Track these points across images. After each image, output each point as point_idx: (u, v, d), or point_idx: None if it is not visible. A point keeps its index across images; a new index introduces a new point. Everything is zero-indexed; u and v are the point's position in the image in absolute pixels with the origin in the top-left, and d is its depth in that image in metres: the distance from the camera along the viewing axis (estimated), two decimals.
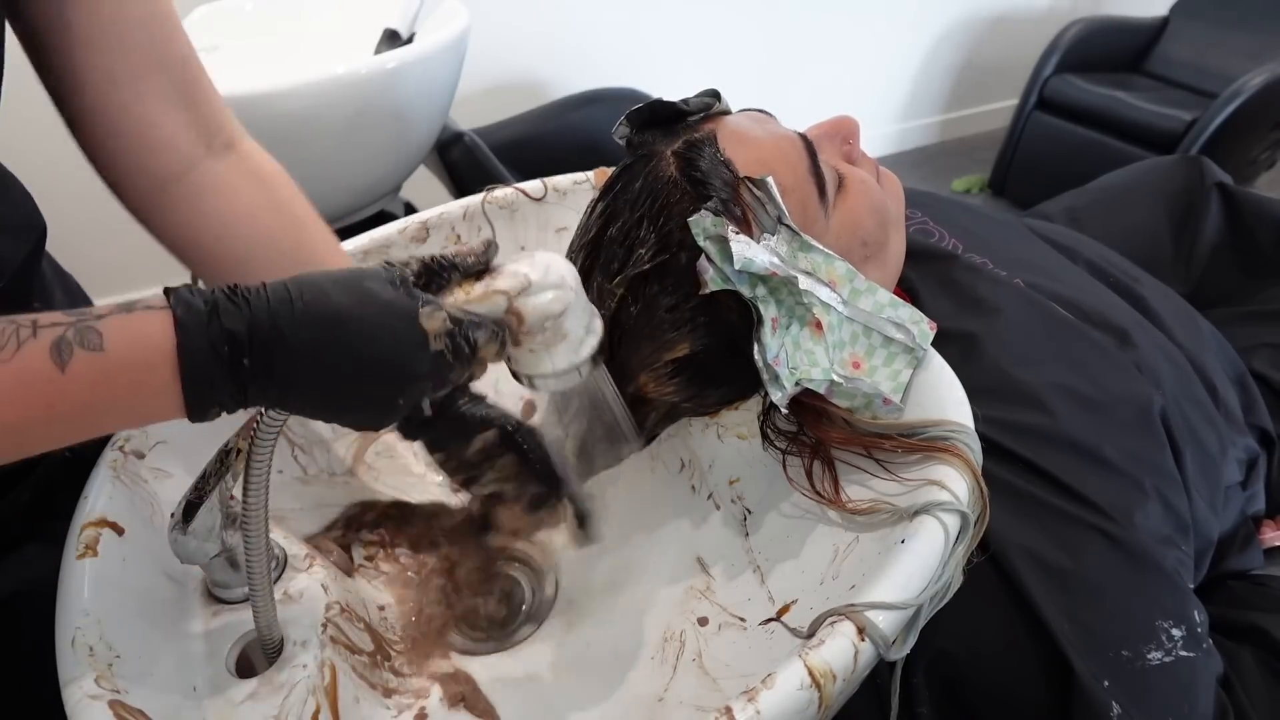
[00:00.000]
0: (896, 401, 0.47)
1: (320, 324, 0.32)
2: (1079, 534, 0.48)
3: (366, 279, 0.33)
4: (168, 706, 0.40)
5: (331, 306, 0.32)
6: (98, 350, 0.29)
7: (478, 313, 0.35)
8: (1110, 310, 0.63)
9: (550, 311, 0.36)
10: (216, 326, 0.30)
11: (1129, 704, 0.44)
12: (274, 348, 0.31)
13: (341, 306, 0.32)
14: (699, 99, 0.52)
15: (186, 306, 0.30)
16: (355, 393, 0.34)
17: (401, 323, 0.33)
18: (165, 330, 0.30)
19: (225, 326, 0.30)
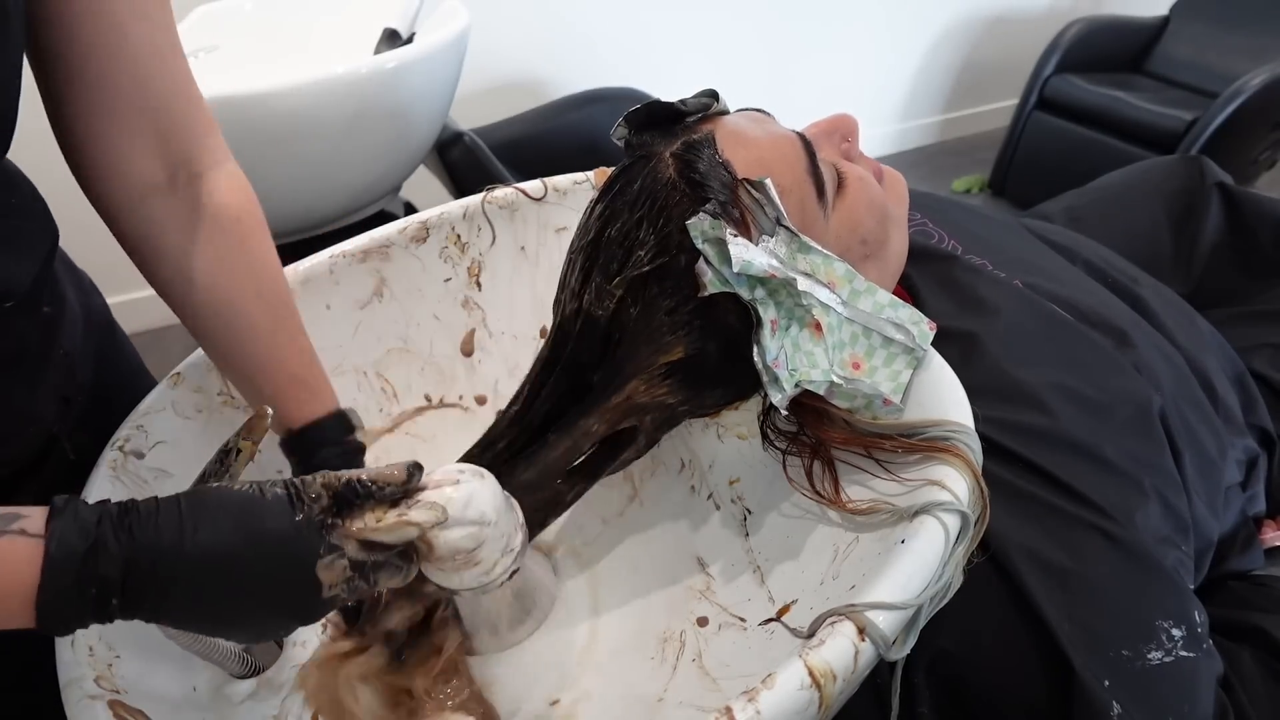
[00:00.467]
0: (896, 402, 0.47)
1: (205, 568, 0.31)
2: (1079, 534, 0.48)
3: (269, 517, 0.32)
4: (168, 706, 0.40)
5: (221, 551, 0.31)
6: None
7: (383, 542, 0.34)
8: (1109, 311, 0.63)
9: (462, 548, 0.36)
10: (90, 569, 0.29)
11: (1129, 704, 0.44)
12: (148, 589, 0.30)
13: (231, 551, 0.31)
14: (697, 99, 0.52)
15: (61, 543, 0.29)
16: (230, 627, 0.34)
17: (295, 574, 0.32)
18: (32, 564, 0.29)
19: (99, 571, 0.29)
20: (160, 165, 0.46)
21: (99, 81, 0.43)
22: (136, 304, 1.85)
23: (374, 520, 0.34)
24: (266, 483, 0.34)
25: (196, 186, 0.48)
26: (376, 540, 0.34)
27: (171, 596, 0.31)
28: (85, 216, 0.49)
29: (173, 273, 0.48)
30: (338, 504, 0.34)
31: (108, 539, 0.30)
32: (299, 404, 0.50)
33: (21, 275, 0.44)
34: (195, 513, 0.31)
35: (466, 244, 0.69)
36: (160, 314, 2.08)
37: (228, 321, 0.49)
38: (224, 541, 0.31)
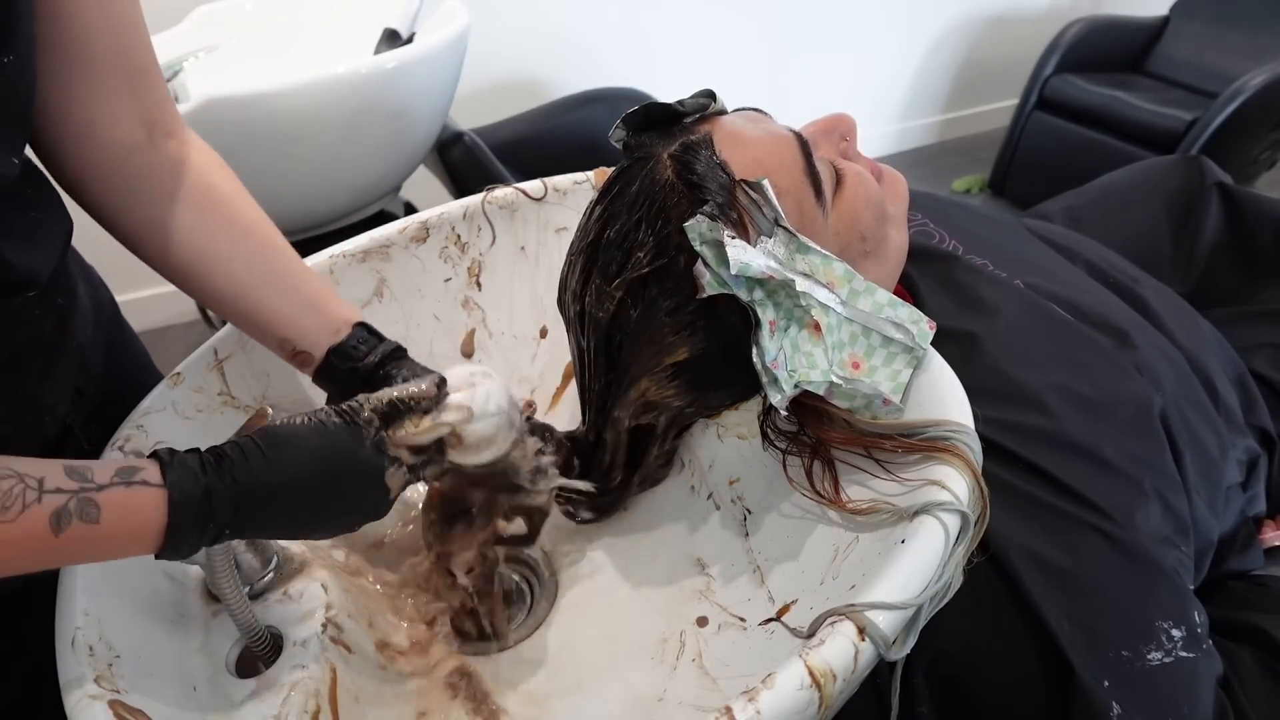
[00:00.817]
0: (896, 402, 0.47)
1: (297, 495, 0.38)
2: (1079, 534, 0.48)
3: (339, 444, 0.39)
4: (168, 706, 0.40)
5: (309, 478, 0.38)
6: (94, 523, 0.32)
7: (426, 442, 0.42)
8: (1109, 311, 0.63)
9: (485, 436, 0.44)
10: (206, 510, 0.35)
11: (1129, 704, 0.44)
12: (251, 518, 0.36)
13: (318, 477, 0.38)
14: (694, 100, 0.52)
15: (180, 490, 0.34)
16: (315, 531, 0.41)
17: (369, 483, 0.40)
18: (158, 510, 0.34)
19: (214, 510, 0.35)
20: (139, 125, 0.48)
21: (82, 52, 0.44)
22: (136, 303, 1.85)
23: (414, 427, 0.42)
24: (322, 412, 0.40)
25: (172, 143, 0.50)
26: (420, 444, 0.42)
27: (270, 519, 0.37)
28: (85, 216, 0.49)
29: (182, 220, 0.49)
30: (385, 421, 0.41)
31: (215, 485, 0.35)
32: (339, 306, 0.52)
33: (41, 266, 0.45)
34: (279, 451, 0.37)
35: (466, 244, 0.69)
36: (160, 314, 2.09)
37: (252, 247, 0.51)
38: (309, 472, 0.38)
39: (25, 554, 0.32)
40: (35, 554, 0.32)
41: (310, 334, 0.51)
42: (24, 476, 0.31)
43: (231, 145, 1.02)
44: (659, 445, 0.56)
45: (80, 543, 0.32)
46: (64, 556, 0.34)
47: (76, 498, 0.32)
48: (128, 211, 0.49)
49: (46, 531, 0.31)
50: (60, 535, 0.32)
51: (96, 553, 0.35)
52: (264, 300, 0.51)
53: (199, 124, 0.96)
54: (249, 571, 0.48)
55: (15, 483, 0.31)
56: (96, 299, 0.57)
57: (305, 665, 0.45)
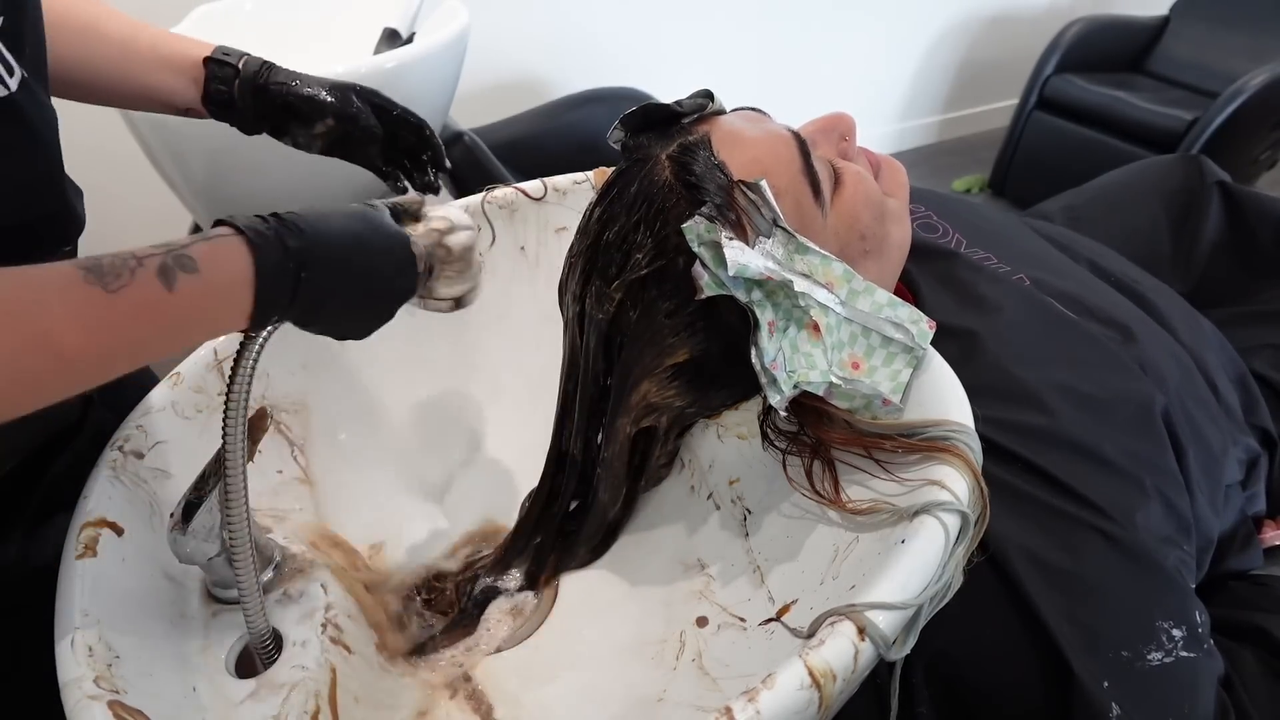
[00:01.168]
0: (896, 402, 0.47)
1: (349, 246, 0.39)
2: (1079, 534, 0.48)
3: (365, 213, 0.41)
4: (167, 707, 0.40)
5: (354, 232, 0.40)
6: (194, 273, 0.33)
7: (422, 243, 0.44)
8: (1114, 307, 0.63)
9: (466, 245, 0.47)
10: (282, 249, 0.36)
11: (1129, 705, 0.44)
12: (322, 264, 0.37)
13: (361, 232, 0.40)
14: (692, 100, 0.52)
15: (257, 233, 0.35)
16: (366, 302, 0.42)
17: (400, 247, 0.42)
18: (243, 254, 0.35)
19: (290, 247, 0.36)
20: None
21: None
22: None
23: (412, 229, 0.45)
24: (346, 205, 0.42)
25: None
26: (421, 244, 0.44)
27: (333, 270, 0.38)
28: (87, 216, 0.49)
29: None
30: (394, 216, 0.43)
31: (281, 229, 0.36)
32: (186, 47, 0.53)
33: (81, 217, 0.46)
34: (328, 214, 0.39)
35: None
36: None
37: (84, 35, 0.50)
38: (355, 229, 0.40)
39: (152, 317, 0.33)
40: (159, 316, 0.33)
41: (178, 93, 0.53)
42: (116, 254, 0.32)
43: (231, 145, 1.02)
44: (661, 445, 0.55)
45: (190, 296, 0.33)
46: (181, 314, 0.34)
47: (171, 254, 0.33)
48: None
49: (160, 289, 0.32)
50: (173, 290, 0.33)
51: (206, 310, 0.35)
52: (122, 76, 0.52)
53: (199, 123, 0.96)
54: None
55: (113, 258, 0.32)
56: None
57: (305, 665, 0.45)
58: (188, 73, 0.53)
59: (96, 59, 0.51)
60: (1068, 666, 0.44)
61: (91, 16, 0.52)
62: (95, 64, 0.52)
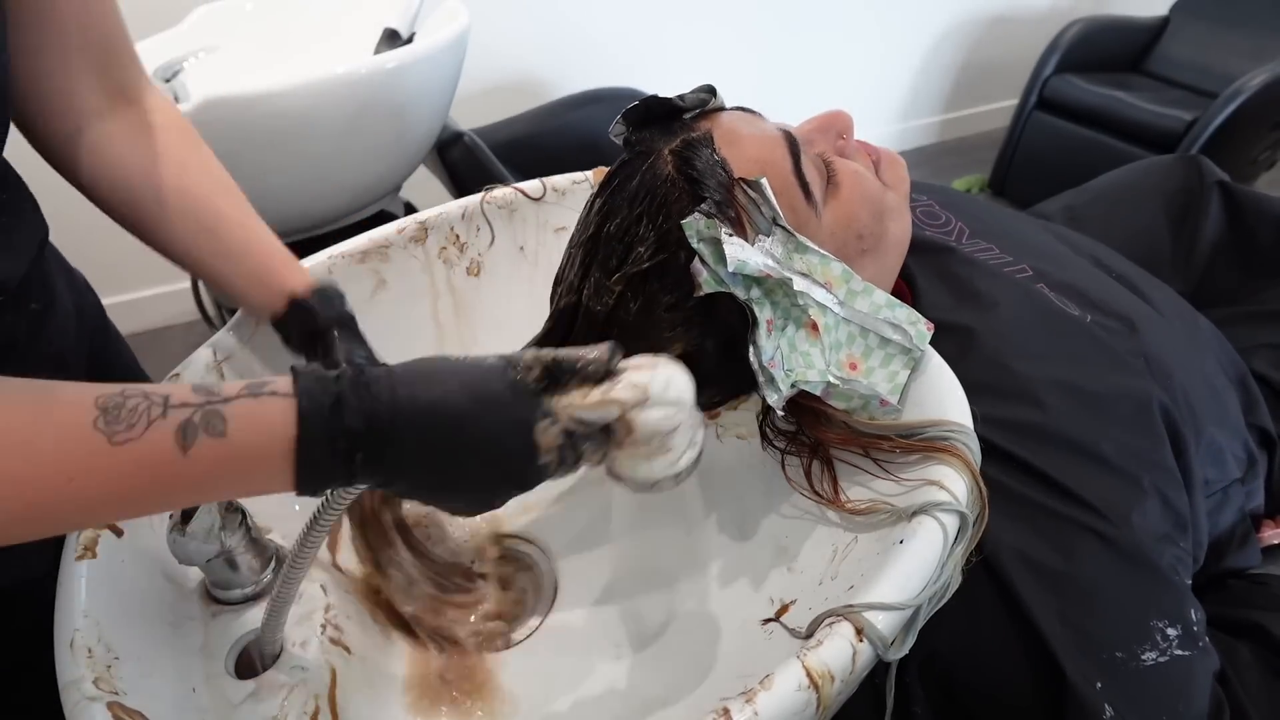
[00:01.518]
0: (894, 402, 0.47)
1: (436, 425, 0.33)
2: (1072, 535, 0.48)
3: (490, 380, 0.34)
4: (167, 707, 0.40)
5: (450, 408, 0.33)
6: (221, 436, 0.30)
7: (589, 419, 0.35)
8: (1117, 299, 0.63)
9: (660, 429, 0.36)
10: (338, 423, 0.31)
11: (1123, 705, 0.44)
12: (388, 444, 0.32)
13: (460, 409, 0.33)
14: (695, 95, 0.52)
15: (310, 398, 0.31)
16: (456, 489, 0.35)
17: (517, 435, 0.34)
18: (287, 421, 0.31)
19: (346, 424, 0.31)
20: (101, 94, 0.49)
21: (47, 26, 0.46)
22: (136, 304, 1.85)
23: (580, 397, 0.35)
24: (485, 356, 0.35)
25: (138, 105, 0.51)
26: (584, 417, 0.35)
27: (407, 450, 0.32)
28: (83, 216, 0.49)
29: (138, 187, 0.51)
30: (549, 377, 0.35)
31: (347, 395, 0.31)
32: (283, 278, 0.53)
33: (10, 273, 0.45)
34: (424, 374, 0.33)
35: (465, 244, 0.69)
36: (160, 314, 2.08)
37: (200, 220, 0.52)
38: (452, 399, 0.33)
39: (154, 479, 0.29)
40: (164, 479, 0.30)
41: (257, 307, 0.54)
42: (150, 394, 0.29)
43: (231, 145, 1.02)
44: None
45: (210, 463, 0.30)
46: (194, 483, 0.30)
47: (202, 410, 0.30)
48: (90, 179, 0.50)
49: (174, 448, 0.29)
50: (188, 452, 0.29)
51: (228, 478, 0.31)
52: (212, 272, 0.53)
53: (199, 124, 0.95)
54: (248, 573, 0.48)
55: (141, 400, 0.29)
56: (81, 304, 0.57)
57: (305, 665, 0.45)
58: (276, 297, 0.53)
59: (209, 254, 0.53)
60: (1060, 668, 0.44)
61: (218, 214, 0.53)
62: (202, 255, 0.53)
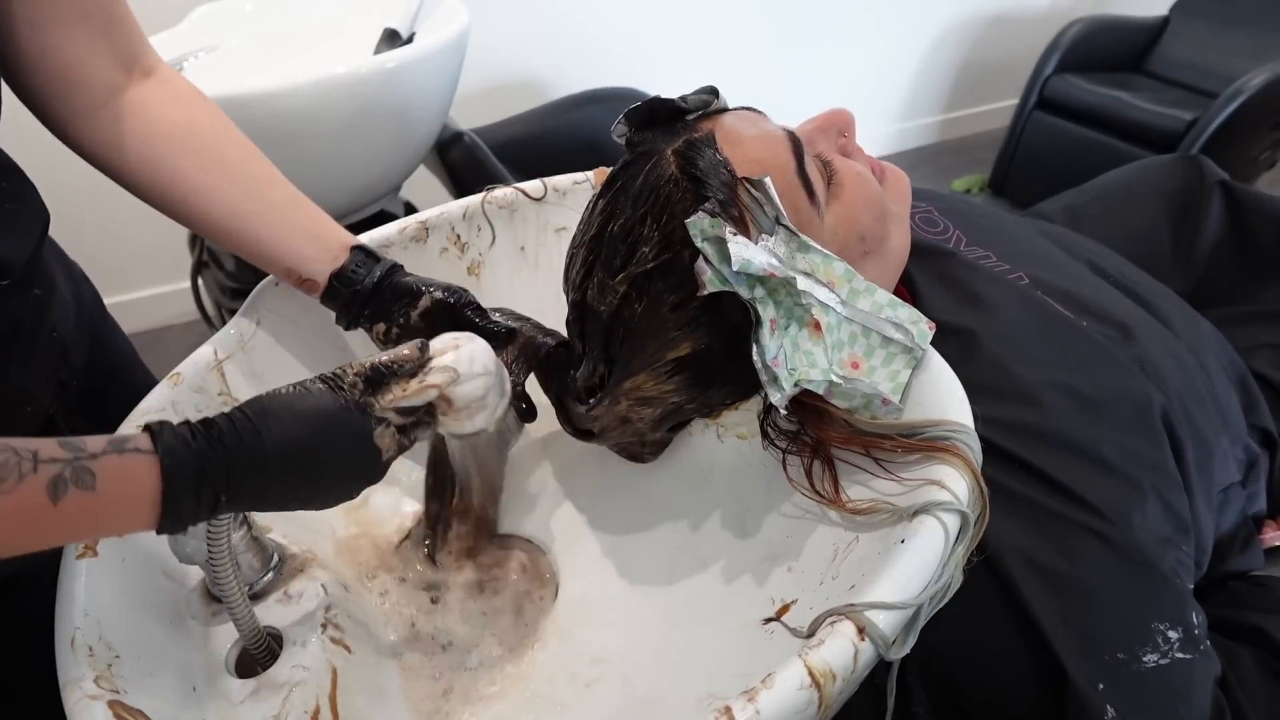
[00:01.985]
0: (895, 402, 0.47)
1: (289, 459, 0.37)
2: (1074, 536, 0.48)
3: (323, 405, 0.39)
4: (167, 706, 0.40)
5: (298, 442, 0.37)
6: (90, 490, 0.32)
7: (412, 406, 0.42)
8: (1113, 305, 0.63)
9: (475, 396, 0.44)
10: (200, 476, 0.34)
11: (1124, 707, 0.44)
12: (247, 483, 0.36)
13: (305, 439, 0.37)
14: (697, 96, 0.52)
15: (172, 454, 0.34)
16: (313, 499, 0.40)
17: (360, 445, 0.40)
18: (151, 475, 0.33)
19: (208, 477, 0.34)
20: (116, 66, 0.49)
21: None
22: (136, 303, 1.85)
23: (401, 391, 0.41)
24: (305, 381, 0.40)
25: (152, 81, 0.51)
26: (408, 406, 0.42)
27: (266, 485, 0.36)
28: (82, 216, 0.49)
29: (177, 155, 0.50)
30: (370, 385, 0.41)
31: (205, 450, 0.35)
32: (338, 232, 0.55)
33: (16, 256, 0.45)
34: (265, 416, 0.37)
35: (466, 244, 0.69)
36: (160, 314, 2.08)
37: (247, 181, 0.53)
38: (296, 435, 0.37)
39: (25, 528, 0.31)
40: (35, 528, 0.31)
41: (311, 262, 0.54)
42: (19, 449, 0.31)
43: None
44: (649, 434, 0.55)
45: (79, 513, 0.32)
46: (64, 530, 0.33)
47: (71, 465, 0.32)
48: (118, 152, 0.50)
49: (45, 501, 0.31)
50: (58, 504, 0.31)
51: (97, 525, 0.34)
52: (262, 232, 0.53)
53: None
54: (249, 572, 0.48)
55: (10, 455, 0.30)
56: (78, 293, 0.58)
57: (305, 665, 0.45)
58: (331, 250, 0.55)
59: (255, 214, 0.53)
60: (1062, 669, 0.44)
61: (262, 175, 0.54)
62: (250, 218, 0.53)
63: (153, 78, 0.51)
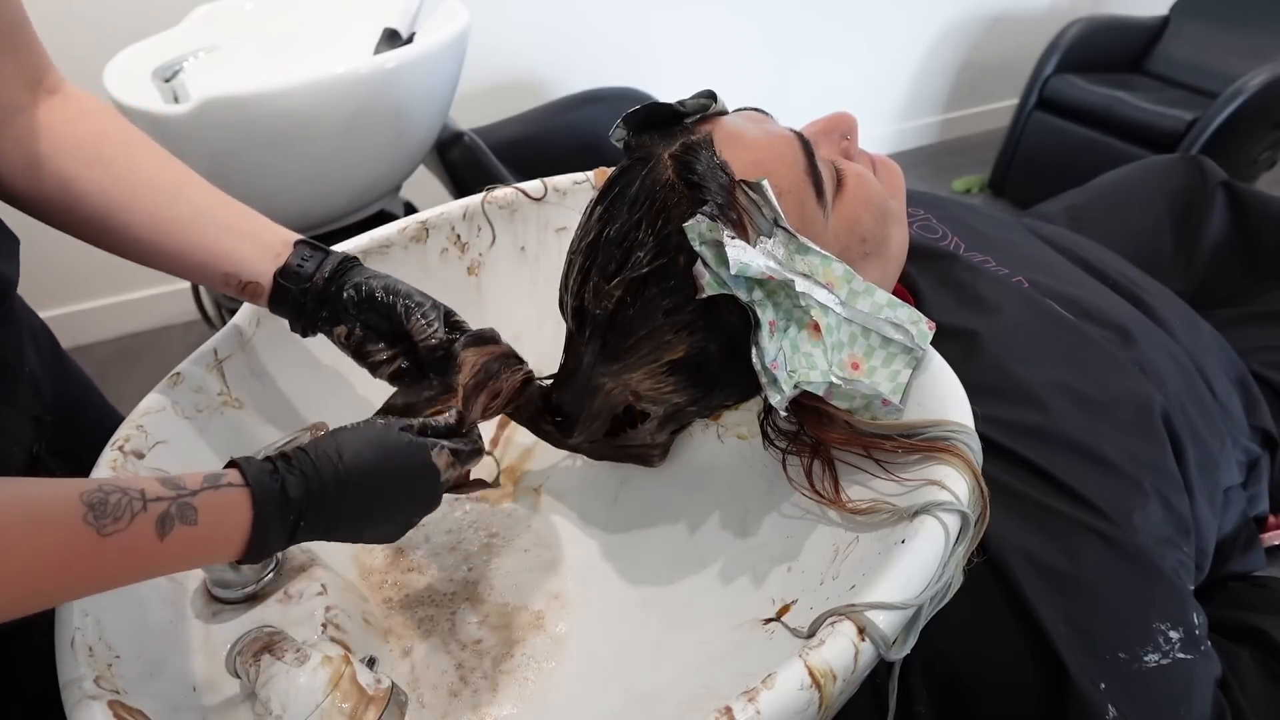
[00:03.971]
0: (895, 402, 0.47)
1: (360, 483, 0.40)
2: (1076, 536, 0.48)
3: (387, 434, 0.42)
4: (167, 706, 0.40)
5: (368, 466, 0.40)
6: (193, 524, 0.34)
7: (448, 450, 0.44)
8: (1112, 309, 0.63)
9: None
10: (284, 501, 0.37)
11: (1125, 706, 0.44)
12: (323, 509, 0.38)
13: (374, 463, 0.40)
14: (695, 100, 0.52)
15: (261, 486, 0.37)
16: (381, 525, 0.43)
17: (421, 466, 0.43)
18: (244, 507, 0.36)
19: (291, 504, 0.37)
20: (21, 85, 0.48)
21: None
22: (137, 304, 1.85)
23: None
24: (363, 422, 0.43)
25: (56, 99, 0.49)
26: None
27: (339, 511, 0.39)
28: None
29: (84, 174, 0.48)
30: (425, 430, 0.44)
31: (288, 479, 0.37)
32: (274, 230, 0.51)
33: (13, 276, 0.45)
34: (337, 446, 0.40)
35: (466, 244, 0.69)
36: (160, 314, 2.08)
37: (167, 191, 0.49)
38: (365, 457, 0.40)
39: (135, 563, 0.34)
40: (143, 563, 0.34)
41: (251, 262, 0.50)
42: (127, 490, 0.33)
43: (231, 145, 1.02)
44: (652, 436, 0.55)
45: (180, 545, 0.34)
46: (165, 563, 0.35)
47: (176, 503, 0.34)
48: (27, 176, 0.48)
49: (153, 536, 0.33)
50: (165, 539, 0.33)
51: (193, 555, 0.36)
52: (192, 239, 0.50)
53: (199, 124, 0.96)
54: (249, 571, 0.48)
55: (121, 495, 0.33)
56: (32, 328, 0.57)
57: None
58: (272, 247, 0.51)
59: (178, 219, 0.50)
60: (1064, 668, 0.44)
61: (180, 179, 0.51)
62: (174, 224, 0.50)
63: (57, 95, 0.50)
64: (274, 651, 0.40)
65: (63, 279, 1.69)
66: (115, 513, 0.32)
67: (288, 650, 0.40)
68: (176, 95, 1.07)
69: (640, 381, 0.50)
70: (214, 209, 0.51)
